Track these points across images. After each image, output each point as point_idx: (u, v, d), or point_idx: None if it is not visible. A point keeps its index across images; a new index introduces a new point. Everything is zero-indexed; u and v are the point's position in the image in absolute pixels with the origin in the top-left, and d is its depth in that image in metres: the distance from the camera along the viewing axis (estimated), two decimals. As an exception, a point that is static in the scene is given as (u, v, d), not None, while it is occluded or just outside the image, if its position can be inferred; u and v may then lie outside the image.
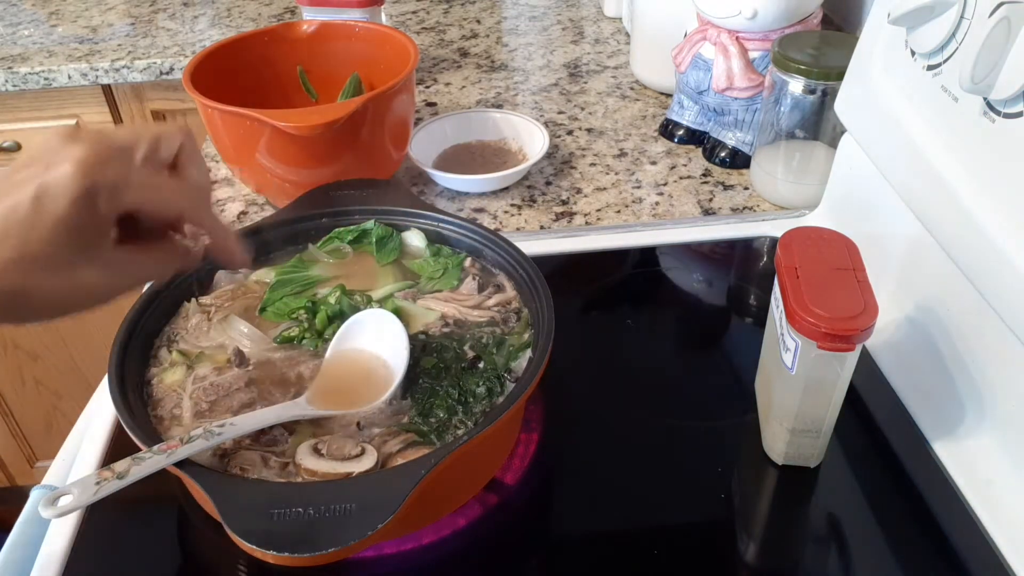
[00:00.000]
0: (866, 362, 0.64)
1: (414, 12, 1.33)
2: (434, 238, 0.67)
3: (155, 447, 0.47)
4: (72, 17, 1.35)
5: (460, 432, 0.52)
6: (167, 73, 1.20)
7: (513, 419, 0.57)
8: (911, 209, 0.59)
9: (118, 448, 0.60)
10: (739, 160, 0.89)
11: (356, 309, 0.61)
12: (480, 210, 0.85)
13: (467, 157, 0.91)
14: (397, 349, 0.56)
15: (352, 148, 0.78)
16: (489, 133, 0.93)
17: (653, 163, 0.92)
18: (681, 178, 0.89)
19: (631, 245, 0.80)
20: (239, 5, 1.39)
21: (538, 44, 1.21)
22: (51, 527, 0.55)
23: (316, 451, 0.50)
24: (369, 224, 0.67)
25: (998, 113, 0.49)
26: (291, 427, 0.53)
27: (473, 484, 0.56)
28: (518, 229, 0.82)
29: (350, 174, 0.73)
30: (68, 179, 0.38)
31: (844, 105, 0.69)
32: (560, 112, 1.02)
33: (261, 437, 0.52)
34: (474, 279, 0.63)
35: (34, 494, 0.63)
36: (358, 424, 0.53)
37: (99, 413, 0.63)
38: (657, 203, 0.85)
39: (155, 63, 1.20)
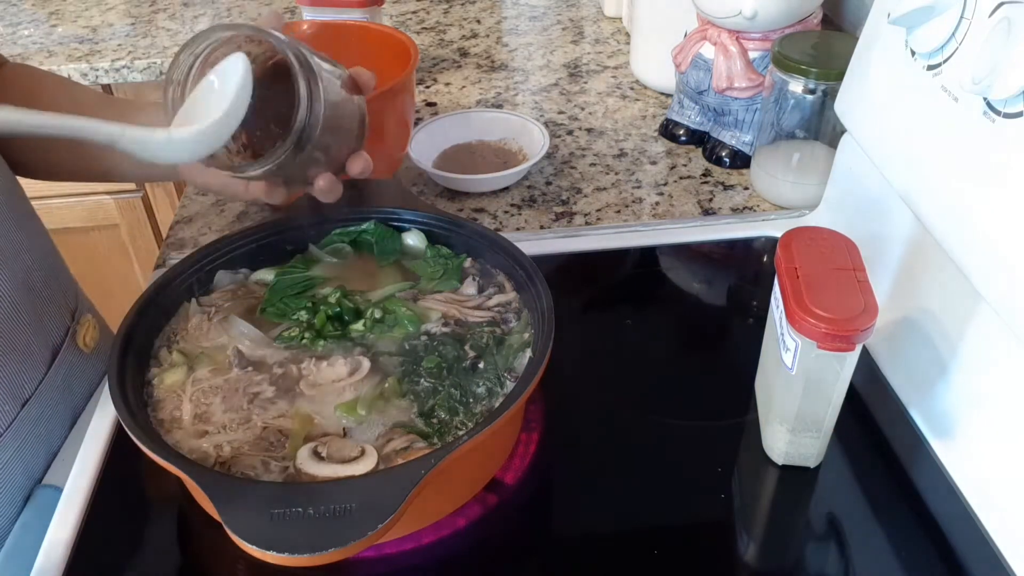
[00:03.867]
0: (866, 362, 0.64)
1: (414, 12, 1.33)
2: (434, 238, 0.67)
3: None
4: (72, 17, 1.35)
5: (461, 433, 0.52)
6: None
7: (513, 419, 0.57)
8: (911, 209, 0.59)
9: (118, 448, 0.60)
10: (739, 160, 0.89)
11: (356, 310, 0.61)
12: (480, 210, 0.85)
13: (467, 157, 0.91)
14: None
15: (352, 148, 0.78)
16: (489, 133, 0.93)
17: (653, 163, 0.92)
18: (681, 178, 0.89)
19: (631, 245, 0.80)
20: (239, 5, 1.39)
21: (538, 44, 1.21)
22: (51, 528, 0.55)
23: (316, 454, 0.50)
24: (369, 224, 0.67)
25: (998, 113, 0.49)
26: (286, 431, 0.53)
27: (473, 484, 0.56)
28: (518, 229, 0.82)
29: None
30: None
31: (844, 105, 0.69)
32: (560, 112, 1.02)
33: (259, 442, 0.52)
34: (474, 279, 0.63)
35: (36, 494, 0.63)
36: (344, 431, 0.53)
37: (99, 413, 0.63)
38: (657, 203, 0.86)
39: (155, 63, 1.20)
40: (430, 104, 1.06)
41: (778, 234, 0.59)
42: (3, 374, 0.60)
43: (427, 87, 1.10)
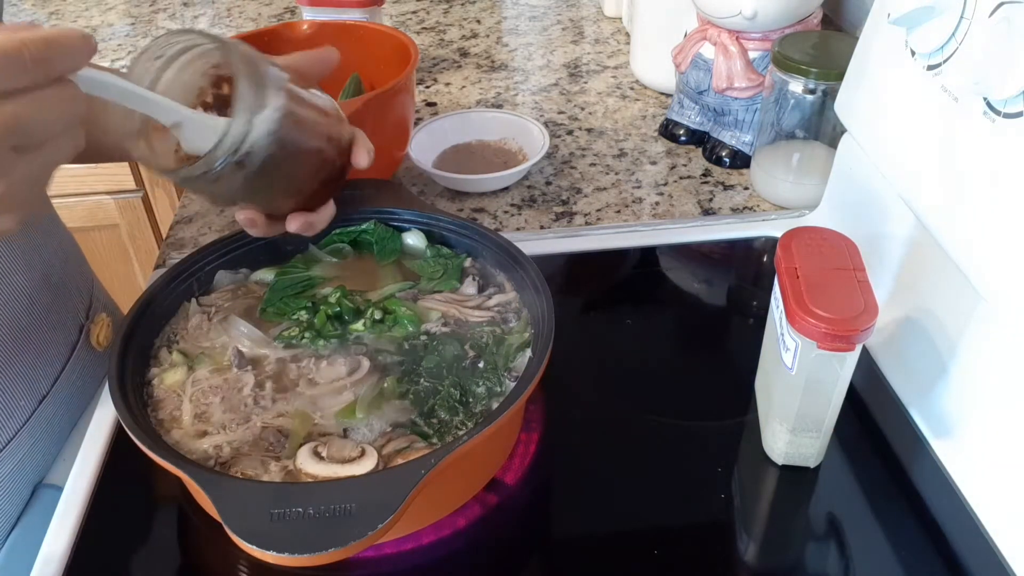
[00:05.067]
0: (866, 362, 0.64)
1: (414, 12, 1.33)
2: (434, 238, 0.67)
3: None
4: (72, 17, 1.35)
5: (461, 433, 0.52)
6: (167, 73, 1.20)
7: (513, 419, 0.57)
8: (911, 209, 0.59)
9: (118, 448, 0.60)
10: (739, 160, 0.89)
11: (356, 310, 0.61)
12: (480, 210, 0.85)
13: (467, 157, 0.91)
14: None
15: (352, 148, 0.78)
16: (489, 133, 0.93)
17: (653, 163, 0.92)
18: (681, 178, 0.89)
19: (631, 245, 0.80)
20: (239, 5, 1.39)
21: (538, 44, 1.21)
22: (51, 528, 0.55)
23: (316, 454, 0.50)
24: (369, 224, 0.67)
25: (998, 113, 0.49)
26: (286, 431, 0.53)
27: (473, 484, 0.56)
28: (518, 229, 0.82)
29: (350, 174, 0.73)
30: None
31: (844, 105, 0.69)
32: (560, 112, 1.02)
33: (259, 442, 0.52)
34: (474, 279, 0.63)
35: (36, 494, 0.63)
36: (344, 432, 0.53)
37: (99, 413, 0.63)
38: (657, 203, 0.86)
39: (155, 63, 1.20)
40: (430, 104, 1.06)
41: (778, 234, 0.59)
42: (21, 370, 0.60)
43: (427, 87, 1.10)
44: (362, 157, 0.58)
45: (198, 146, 0.48)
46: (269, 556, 0.42)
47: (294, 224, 0.57)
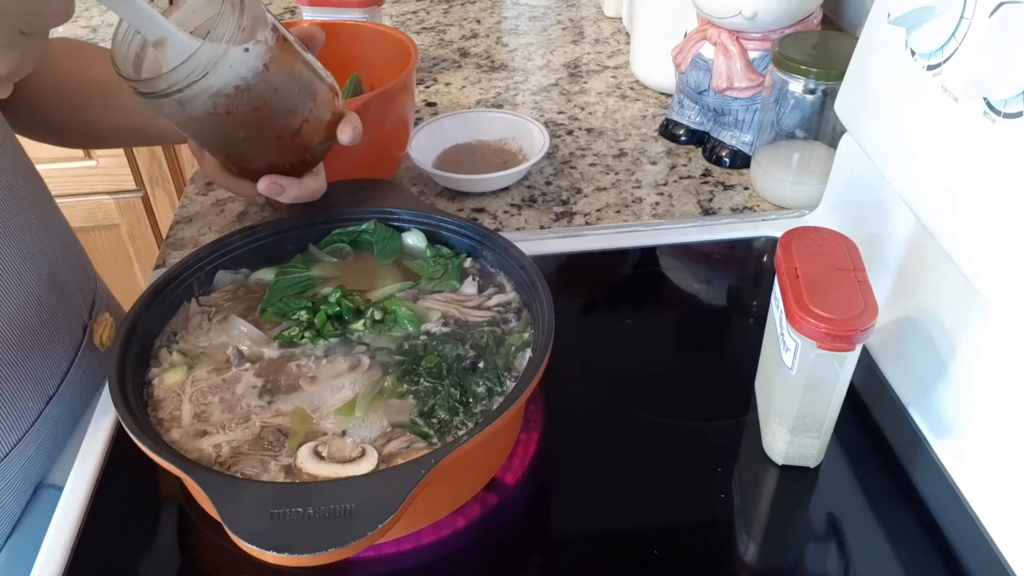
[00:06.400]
0: (866, 362, 0.64)
1: (414, 12, 1.33)
2: (434, 238, 0.67)
3: None
4: (72, 17, 1.35)
5: (461, 433, 0.52)
6: (167, 73, 1.20)
7: (513, 419, 0.57)
8: (911, 209, 0.59)
9: (118, 448, 0.60)
10: (739, 160, 0.89)
11: (356, 310, 0.61)
12: (480, 210, 0.85)
13: (467, 157, 0.91)
14: None
15: (352, 148, 0.78)
16: (489, 133, 0.93)
17: (653, 163, 0.92)
18: (681, 178, 0.89)
19: (631, 245, 0.80)
20: (239, 5, 1.38)
21: (538, 44, 1.21)
22: (51, 528, 0.55)
23: (317, 454, 0.50)
24: (369, 224, 0.67)
25: (998, 113, 0.49)
26: (285, 430, 0.53)
27: (473, 484, 0.56)
28: (518, 229, 0.82)
29: (350, 174, 0.73)
30: None
31: (844, 105, 0.69)
32: (560, 112, 1.02)
33: (259, 442, 0.52)
34: (474, 279, 0.63)
35: (37, 494, 0.63)
36: (344, 431, 0.53)
37: (99, 413, 0.63)
38: (657, 203, 0.86)
39: (155, 63, 1.20)
40: (430, 104, 1.06)
41: (778, 234, 0.59)
42: (30, 371, 0.60)
43: (427, 87, 1.10)
44: (345, 132, 0.57)
45: (171, 65, 0.47)
46: (269, 556, 0.42)
47: (263, 183, 0.56)
